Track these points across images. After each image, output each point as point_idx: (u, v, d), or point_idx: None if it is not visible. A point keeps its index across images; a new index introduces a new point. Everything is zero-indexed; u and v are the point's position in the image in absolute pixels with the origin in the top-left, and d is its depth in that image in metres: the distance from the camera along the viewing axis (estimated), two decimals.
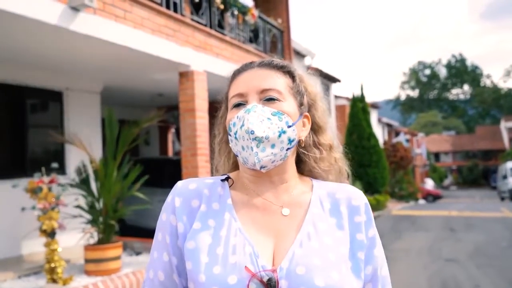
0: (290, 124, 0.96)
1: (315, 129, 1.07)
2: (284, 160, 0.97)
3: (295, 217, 0.97)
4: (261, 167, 0.93)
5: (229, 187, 1.02)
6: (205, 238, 0.92)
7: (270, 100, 0.97)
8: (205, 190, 1.00)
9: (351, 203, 0.99)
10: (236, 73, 1.04)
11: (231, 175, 1.05)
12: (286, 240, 0.92)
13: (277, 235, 0.94)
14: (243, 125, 0.93)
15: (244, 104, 0.98)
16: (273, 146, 0.93)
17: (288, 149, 0.96)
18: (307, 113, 1.04)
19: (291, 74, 1.03)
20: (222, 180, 1.03)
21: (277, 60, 1.05)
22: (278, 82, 1.00)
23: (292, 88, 1.02)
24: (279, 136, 0.94)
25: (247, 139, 0.92)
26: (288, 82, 1.01)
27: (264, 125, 0.93)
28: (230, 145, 1.00)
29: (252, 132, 0.91)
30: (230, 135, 0.98)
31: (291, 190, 1.00)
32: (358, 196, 1.01)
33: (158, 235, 1.00)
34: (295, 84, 1.03)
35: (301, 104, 1.03)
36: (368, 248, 0.97)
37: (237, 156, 0.98)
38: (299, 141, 1.01)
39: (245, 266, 0.87)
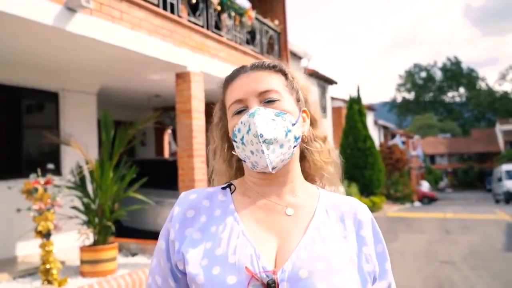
0: (293, 122, 0.97)
1: (312, 123, 1.08)
2: (291, 158, 0.98)
3: (299, 219, 0.96)
4: (273, 168, 0.94)
5: (232, 193, 1.02)
6: (205, 244, 0.93)
7: (270, 101, 0.97)
8: (205, 201, 1.00)
9: (356, 217, 0.99)
10: (229, 80, 1.04)
11: (234, 182, 1.05)
12: (290, 242, 0.92)
13: (280, 235, 0.94)
14: (249, 129, 0.93)
15: (245, 110, 0.97)
16: (281, 146, 0.94)
17: (294, 146, 0.97)
18: (304, 108, 1.05)
19: (283, 72, 1.04)
20: (223, 188, 1.03)
21: (267, 60, 1.05)
22: (273, 82, 1.00)
23: (286, 85, 1.02)
24: (286, 135, 0.95)
25: (257, 143, 0.92)
26: (282, 81, 1.02)
27: (270, 126, 0.93)
28: (235, 152, 1.00)
29: (261, 135, 0.92)
30: (235, 141, 0.97)
31: (296, 191, 1.01)
32: (363, 211, 1.01)
33: (159, 242, 1.02)
34: (288, 81, 1.03)
35: (298, 100, 1.03)
36: (380, 263, 0.98)
37: (245, 161, 0.98)
38: (302, 137, 1.02)
39: (245, 267, 0.86)
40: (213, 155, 1.11)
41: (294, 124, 0.97)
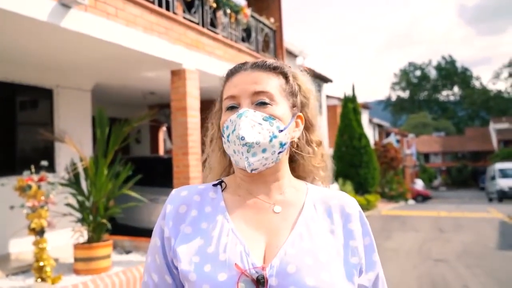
0: (281, 128, 0.97)
1: (308, 127, 1.07)
2: (277, 162, 0.98)
3: (287, 216, 0.98)
4: (252, 170, 0.95)
5: (222, 190, 1.04)
6: (196, 240, 0.94)
7: (262, 104, 0.97)
8: (196, 196, 1.02)
9: (344, 211, 1.00)
10: (230, 74, 1.04)
11: (225, 179, 1.06)
12: (278, 239, 0.93)
13: (269, 232, 0.95)
14: (234, 129, 0.94)
15: (237, 107, 0.98)
16: (264, 150, 0.94)
17: (280, 152, 0.97)
18: (300, 114, 1.04)
19: (284, 75, 1.03)
20: (214, 185, 1.04)
21: (270, 60, 1.04)
22: (270, 84, 0.99)
23: (285, 89, 1.01)
24: (270, 141, 0.95)
25: (238, 144, 0.93)
26: (281, 83, 1.01)
27: (255, 130, 0.94)
28: (224, 146, 1.01)
29: (243, 138, 0.92)
30: (223, 136, 0.99)
31: (284, 189, 1.01)
32: (351, 204, 1.02)
33: (152, 239, 1.02)
34: (288, 84, 1.03)
35: (293, 105, 1.03)
36: (367, 255, 0.99)
37: (231, 157, 1.00)
38: (291, 142, 1.02)
39: (235, 263, 0.88)
40: (209, 142, 1.12)
41: (281, 131, 0.96)
